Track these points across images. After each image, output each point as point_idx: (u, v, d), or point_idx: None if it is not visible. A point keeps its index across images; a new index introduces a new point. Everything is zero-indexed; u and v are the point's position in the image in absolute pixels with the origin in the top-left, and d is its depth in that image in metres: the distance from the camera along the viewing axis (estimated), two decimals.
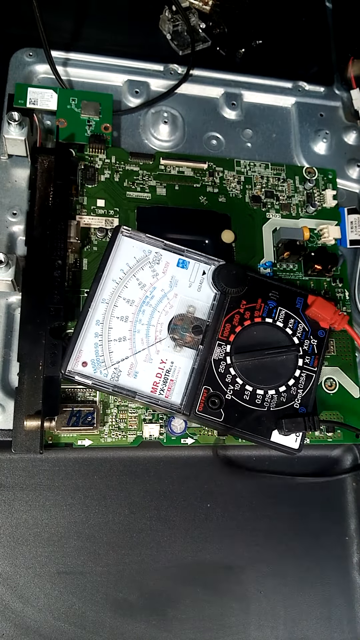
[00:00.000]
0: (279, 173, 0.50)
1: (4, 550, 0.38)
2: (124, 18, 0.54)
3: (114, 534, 0.40)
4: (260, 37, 0.56)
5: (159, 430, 0.41)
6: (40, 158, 0.42)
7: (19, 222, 0.43)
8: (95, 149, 0.45)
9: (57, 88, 0.46)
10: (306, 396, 0.40)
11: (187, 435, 0.41)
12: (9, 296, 0.42)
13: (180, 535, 0.41)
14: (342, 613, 0.42)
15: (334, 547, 0.43)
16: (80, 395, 0.40)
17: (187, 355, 0.40)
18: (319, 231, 0.48)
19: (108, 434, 0.40)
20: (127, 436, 0.40)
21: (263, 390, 0.40)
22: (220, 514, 0.42)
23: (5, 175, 0.44)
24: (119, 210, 0.45)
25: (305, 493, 0.44)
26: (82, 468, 0.40)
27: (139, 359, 0.39)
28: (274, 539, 0.42)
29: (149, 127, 0.49)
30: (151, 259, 0.41)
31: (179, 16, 0.53)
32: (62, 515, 0.39)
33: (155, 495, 0.41)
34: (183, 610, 0.40)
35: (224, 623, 0.40)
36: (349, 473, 0.44)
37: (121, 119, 0.49)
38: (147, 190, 0.46)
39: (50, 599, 0.38)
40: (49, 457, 0.40)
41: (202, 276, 0.41)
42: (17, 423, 0.36)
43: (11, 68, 0.48)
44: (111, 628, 0.38)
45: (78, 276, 0.42)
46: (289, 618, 0.41)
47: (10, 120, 0.41)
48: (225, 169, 0.48)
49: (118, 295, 0.40)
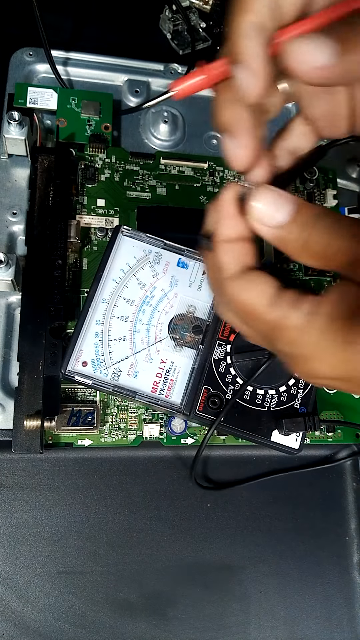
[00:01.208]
0: None
1: (4, 550, 0.38)
2: (124, 18, 0.54)
3: (114, 534, 0.40)
4: None
5: (159, 430, 0.41)
6: (40, 158, 0.42)
7: (19, 222, 0.43)
8: (96, 149, 0.45)
9: (57, 87, 0.46)
10: (306, 396, 0.40)
11: (187, 435, 0.41)
12: (9, 296, 0.42)
13: (180, 535, 0.41)
14: (342, 613, 0.42)
15: (334, 547, 0.43)
16: (80, 395, 0.40)
17: (187, 355, 0.40)
18: None
19: (108, 433, 0.40)
20: (127, 436, 0.40)
21: (263, 390, 0.40)
22: (220, 514, 0.42)
23: (5, 175, 0.44)
24: (119, 210, 0.45)
25: (305, 493, 0.44)
26: (82, 468, 0.40)
27: (139, 358, 0.39)
28: (274, 539, 0.42)
29: (149, 127, 0.49)
30: (151, 258, 0.41)
31: (179, 15, 0.53)
32: (62, 515, 0.39)
33: (155, 495, 0.41)
34: (183, 610, 0.40)
35: (224, 623, 0.40)
36: (348, 458, 0.44)
37: (121, 118, 0.49)
38: (147, 190, 0.46)
39: (50, 599, 0.38)
40: (49, 457, 0.40)
41: (202, 276, 0.41)
42: (17, 423, 0.36)
43: (11, 68, 0.48)
44: (111, 628, 0.38)
45: (78, 276, 0.42)
46: (289, 618, 0.41)
47: (10, 119, 0.41)
48: (225, 169, 0.48)
49: (118, 295, 0.40)
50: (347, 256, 0.21)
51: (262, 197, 0.22)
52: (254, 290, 0.23)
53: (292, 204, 0.22)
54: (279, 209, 0.22)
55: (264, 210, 0.22)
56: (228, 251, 0.24)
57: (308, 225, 0.22)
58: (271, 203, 0.22)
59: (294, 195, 0.22)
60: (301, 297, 0.22)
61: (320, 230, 0.21)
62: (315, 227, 0.21)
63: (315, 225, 0.21)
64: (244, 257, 0.24)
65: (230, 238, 0.23)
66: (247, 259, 0.24)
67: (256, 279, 0.23)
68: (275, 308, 0.22)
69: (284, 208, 0.22)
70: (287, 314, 0.22)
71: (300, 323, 0.21)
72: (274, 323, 0.22)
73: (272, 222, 0.22)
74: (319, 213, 0.22)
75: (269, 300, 0.22)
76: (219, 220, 0.24)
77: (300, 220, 0.22)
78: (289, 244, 0.22)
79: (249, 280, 0.23)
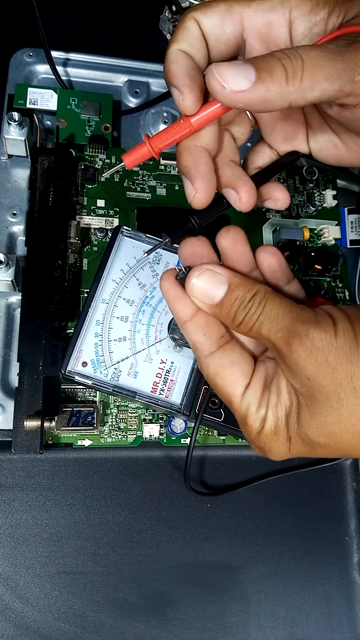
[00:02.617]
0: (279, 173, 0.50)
1: (4, 550, 0.38)
2: (124, 18, 0.54)
3: (114, 534, 0.40)
4: None
5: (159, 430, 0.41)
6: (40, 158, 0.42)
7: (19, 222, 0.43)
8: (95, 149, 0.45)
9: (57, 88, 0.46)
10: None
11: (187, 435, 0.41)
12: (9, 296, 0.42)
13: (180, 535, 0.41)
14: (342, 613, 0.42)
15: (334, 547, 0.43)
16: (80, 395, 0.40)
17: (187, 355, 0.40)
18: (319, 231, 0.48)
19: (108, 434, 0.40)
20: (127, 436, 0.40)
21: None
22: (220, 514, 0.42)
23: (5, 175, 0.44)
24: (119, 210, 0.45)
25: (305, 493, 0.44)
26: (82, 468, 0.40)
27: (139, 359, 0.39)
28: (274, 539, 0.42)
29: (149, 127, 0.49)
30: (151, 259, 0.41)
31: (179, 16, 0.53)
32: (62, 515, 0.39)
33: (155, 496, 0.41)
34: (183, 610, 0.40)
35: (224, 623, 0.40)
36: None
37: (121, 119, 0.49)
38: (147, 190, 0.46)
39: (50, 599, 0.38)
40: (49, 457, 0.40)
41: None
42: (17, 423, 0.36)
43: (11, 68, 0.48)
44: (111, 628, 0.38)
45: (78, 276, 0.42)
46: (289, 618, 0.41)
47: (10, 120, 0.41)
48: None
49: (118, 295, 0.40)
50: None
51: (200, 275, 0.24)
52: (228, 377, 0.24)
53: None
54: (217, 286, 0.24)
55: (202, 288, 0.24)
56: (193, 331, 0.25)
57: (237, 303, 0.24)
58: (208, 280, 0.24)
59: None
60: (262, 399, 0.23)
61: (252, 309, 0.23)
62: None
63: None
64: (211, 331, 0.25)
65: (189, 316, 0.25)
66: (213, 331, 0.25)
67: (228, 366, 0.24)
68: (244, 402, 0.24)
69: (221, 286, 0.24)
70: (253, 418, 0.24)
71: (257, 428, 0.24)
72: (240, 417, 0.24)
73: (212, 300, 0.24)
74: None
75: (242, 393, 0.24)
76: (172, 307, 0.25)
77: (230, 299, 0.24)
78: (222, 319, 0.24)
79: (221, 367, 0.24)
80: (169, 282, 0.25)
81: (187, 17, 0.23)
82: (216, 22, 0.23)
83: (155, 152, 0.25)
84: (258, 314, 0.23)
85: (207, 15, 0.23)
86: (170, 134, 0.24)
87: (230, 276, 0.24)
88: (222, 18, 0.23)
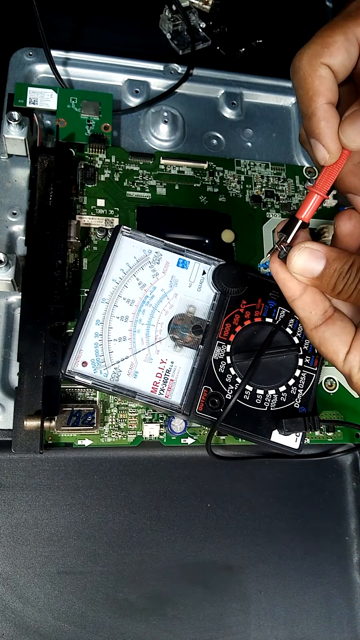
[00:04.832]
0: (279, 173, 0.50)
1: (4, 550, 0.38)
2: (124, 18, 0.54)
3: (114, 534, 0.40)
4: (261, 36, 0.56)
5: (159, 430, 0.41)
6: (40, 158, 0.42)
7: (19, 222, 0.43)
8: (95, 149, 0.45)
9: (57, 88, 0.46)
10: (306, 396, 0.40)
11: (187, 435, 0.41)
12: (9, 296, 0.42)
13: (180, 535, 0.41)
14: (342, 613, 0.42)
15: (334, 547, 0.43)
16: (80, 395, 0.40)
17: (187, 355, 0.40)
18: (319, 231, 0.48)
19: (108, 434, 0.40)
20: (127, 436, 0.40)
21: (263, 390, 0.40)
22: (220, 514, 0.42)
23: (5, 175, 0.44)
24: (119, 210, 0.45)
25: (305, 493, 0.44)
26: (82, 468, 0.40)
27: (139, 358, 0.39)
28: (274, 539, 0.42)
29: (149, 127, 0.49)
30: (151, 258, 0.41)
31: (179, 15, 0.53)
32: (62, 515, 0.39)
33: (155, 495, 0.41)
34: (183, 610, 0.40)
35: (224, 623, 0.40)
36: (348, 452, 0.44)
37: (121, 118, 0.49)
38: (147, 190, 0.46)
39: (50, 599, 0.38)
40: (49, 457, 0.40)
41: (202, 276, 0.41)
42: (17, 423, 0.36)
43: (11, 68, 0.48)
44: (111, 628, 0.38)
45: (78, 276, 0.42)
46: (289, 618, 0.41)
47: (10, 120, 0.41)
48: (225, 169, 0.48)
49: (118, 295, 0.40)
50: None
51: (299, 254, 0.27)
52: (330, 347, 0.28)
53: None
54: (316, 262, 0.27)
55: (302, 264, 0.27)
56: (300, 308, 0.28)
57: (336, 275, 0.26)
58: (307, 258, 0.27)
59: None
60: None
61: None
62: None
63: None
64: (316, 307, 0.28)
65: (297, 295, 0.28)
66: (318, 308, 0.28)
67: (330, 337, 0.28)
68: (346, 365, 0.27)
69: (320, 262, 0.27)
70: (357, 377, 0.27)
71: None
72: (345, 376, 0.28)
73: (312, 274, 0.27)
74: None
75: (343, 359, 0.27)
76: (282, 287, 0.28)
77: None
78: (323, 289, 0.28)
79: (325, 339, 0.28)
80: (279, 264, 0.28)
81: (315, 63, 0.24)
82: (344, 56, 0.24)
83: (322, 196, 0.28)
84: (356, 282, 0.25)
85: (333, 56, 0.24)
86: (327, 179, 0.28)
87: (327, 251, 0.26)
88: (346, 49, 0.23)
